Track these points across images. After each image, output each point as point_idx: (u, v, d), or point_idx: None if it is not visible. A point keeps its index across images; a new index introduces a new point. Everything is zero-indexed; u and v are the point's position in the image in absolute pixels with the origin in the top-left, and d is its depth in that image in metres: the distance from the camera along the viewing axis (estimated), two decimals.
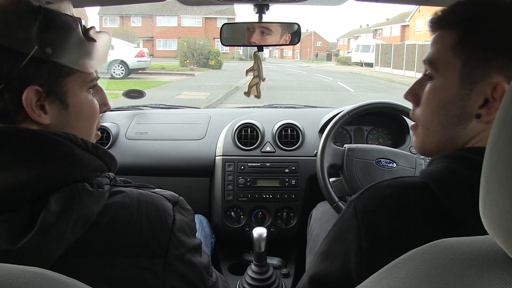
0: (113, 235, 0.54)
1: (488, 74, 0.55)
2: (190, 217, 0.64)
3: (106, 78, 11.85)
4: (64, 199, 0.51)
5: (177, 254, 0.58)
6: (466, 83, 0.57)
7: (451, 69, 0.58)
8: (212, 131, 1.66)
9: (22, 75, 0.52)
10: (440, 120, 0.61)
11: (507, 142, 0.30)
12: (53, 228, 0.48)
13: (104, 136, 1.63)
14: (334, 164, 1.27)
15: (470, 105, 0.57)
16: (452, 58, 0.58)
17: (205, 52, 19.35)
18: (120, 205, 0.56)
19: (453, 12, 0.59)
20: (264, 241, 1.20)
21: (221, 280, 0.75)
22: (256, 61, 1.23)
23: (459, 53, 0.57)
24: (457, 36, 0.57)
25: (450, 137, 0.60)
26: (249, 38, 1.18)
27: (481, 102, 0.56)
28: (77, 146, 0.55)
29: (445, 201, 0.54)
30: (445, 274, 0.33)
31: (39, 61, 0.53)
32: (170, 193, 0.63)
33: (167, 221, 0.58)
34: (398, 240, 0.54)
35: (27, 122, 0.54)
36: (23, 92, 0.52)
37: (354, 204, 0.60)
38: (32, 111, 0.53)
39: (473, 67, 0.56)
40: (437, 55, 0.60)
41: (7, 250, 0.46)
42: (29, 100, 0.53)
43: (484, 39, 0.55)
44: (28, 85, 0.52)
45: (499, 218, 0.31)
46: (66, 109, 0.58)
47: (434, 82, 0.61)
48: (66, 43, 0.55)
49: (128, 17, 29.52)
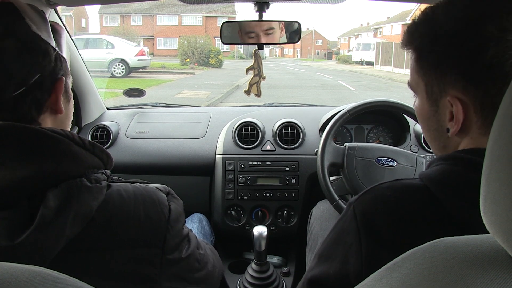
0: (112, 230, 0.55)
1: (444, 90, 0.58)
2: (181, 206, 0.68)
3: (107, 77, 11.86)
4: (62, 195, 0.51)
5: (173, 243, 0.61)
6: (431, 100, 0.61)
7: (420, 89, 0.63)
8: (213, 130, 1.66)
9: (54, 68, 0.59)
10: (427, 134, 0.66)
11: (507, 141, 0.30)
12: (52, 224, 0.49)
13: (105, 134, 1.64)
14: (335, 163, 1.27)
15: (442, 120, 0.60)
16: (417, 79, 0.62)
17: (205, 50, 19.33)
18: (117, 200, 0.57)
19: (408, 35, 0.62)
20: (265, 239, 1.20)
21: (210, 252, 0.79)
22: (257, 59, 1.23)
23: (420, 74, 0.61)
24: (415, 58, 0.61)
25: (442, 147, 0.64)
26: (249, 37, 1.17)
27: (449, 116, 0.58)
28: (75, 144, 0.56)
29: (445, 202, 0.54)
30: (445, 273, 0.33)
31: (60, 56, 0.61)
32: (161, 185, 0.67)
33: (164, 212, 0.61)
34: (397, 242, 0.54)
35: (48, 112, 0.60)
36: (55, 83, 0.59)
37: (353, 206, 0.60)
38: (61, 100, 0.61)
39: (432, 86, 0.59)
40: (410, 77, 0.65)
41: (7, 246, 0.46)
42: (60, 89, 0.60)
43: (430, 60, 0.58)
44: (57, 76, 0.60)
45: (499, 217, 0.31)
46: (69, 102, 0.66)
47: (416, 101, 0.67)
48: (64, 44, 0.64)
49: (128, 15, 29.49)
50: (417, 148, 1.51)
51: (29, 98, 0.56)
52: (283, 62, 32.80)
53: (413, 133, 1.56)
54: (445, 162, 0.57)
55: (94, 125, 1.67)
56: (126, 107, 1.93)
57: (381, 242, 0.55)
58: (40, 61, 0.56)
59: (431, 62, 0.58)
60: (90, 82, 1.68)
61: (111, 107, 1.90)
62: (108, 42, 13.21)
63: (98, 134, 1.64)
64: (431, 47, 0.58)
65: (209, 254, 0.78)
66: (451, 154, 0.58)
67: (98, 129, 1.65)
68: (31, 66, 0.55)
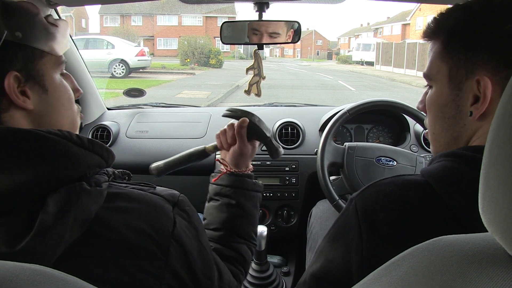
0: (114, 239, 0.53)
1: (471, 72, 0.58)
2: (191, 217, 0.63)
3: (107, 77, 11.86)
4: (61, 200, 0.50)
5: (177, 257, 0.58)
6: (454, 84, 0.61)
7: (441, 75, 0.63)
8: (213, 130, 1.66)
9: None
10: (440, 123, 0.65)
11: (506, 139, 0.30)
12: (52, 230, 0.48)
13: (105, 134, 1.64)
14: (335, 162, 1.27)
15: (462, 104, 0.60)
16: (440, 65, 0.63)
17: (205, 51, 19.33)
18: (121, 209, 0.55)
19: (436, 23, 0.64)
20: (265, 239, 1.20)
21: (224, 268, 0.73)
22: (257, 59, 1.23)
23: (445, 59, 0.62)
24: (442, 43, 0.63)
25: (452, 138, 0.63)
26: (249, 37, 1.17)
27: (471, 99, 0.59)
28: (73, 143, 0.54)
29: (446, 199, 0.54)
30: (444, 271, 0.33)
31: (13, 46, 0.54)
32: (170, 192, 0.63)
33: (168, 225, 0.58)
34: (399, 237, 0.54)
35: (12, 110, 0.55)
36: (3, 79, 0.53)
37: (355, 202, 0.61)
38: (16, 97, 0.54)
39: (458, 68, 0.60)
40: (429, 66, 0.66)
41: (6, 253, 0.45)
42: (11, 86, 0.54)
43: (463, 41, 0.59)
44: (7, 71, 0.53)
45: (498, 215, 0.31)
46: (46, 93, 0.59)
47: (431, 91, 0.67)
48: (33, 27, 0.57)
49: (128, 16, 29.49)
50: (417, 148, 1.51)
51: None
52: (283, 62, 32.80)
53: (413, 133, 1.56)
54: (447, 159, 0.58)
55: (95, 125, 1.67)
56: (126, 107, 1.93)
57: (382, 238, 0.55)
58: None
59: (463, 44, 0.59)
60: (90, 82, 1.68)
61: (111, 107, 1.90)
62: (108, 43, 13.21)
63: (98, 134, 1.64)
64: (466, 27, 0.59)
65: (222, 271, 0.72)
66: (454, 151, 0.59)
67: (98, 129, 1.65)
68: None
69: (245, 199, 0.88)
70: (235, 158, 0.92)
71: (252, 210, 0.88)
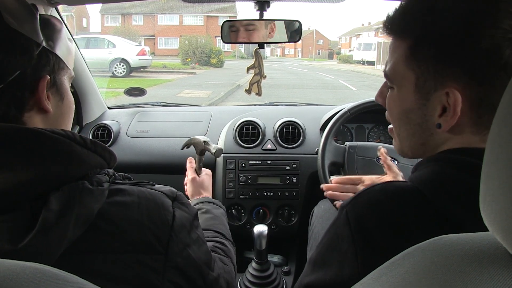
0: (115, 233, 0.54)
1: (441, 84, 0.54)
2: (190, 211, 0.66)
3: (108, 77, 11.87)
4: (64, 198, 0.51)
5: (177, 250, 0.59)
6: (421, 93, 0.57)
7: (406, 82, 0.58)
8: (213, 129, 1.66)
9: (36, 65, 0.56)
10: (405, 127, 0.62)
11: (507, 139, 0.30)
12: (54, 228, 0.49)
13: (106, 134, 1.64)
14: (335, 162, 1.27)
15: (429, 114, 0.57)
16: (405, 72, 0.58)
17: (206, 50, 19.33)
18: (121, 203, 0.56)
19: (403, 20, 0.58)
20: (265, 238, 1.20)
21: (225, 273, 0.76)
22: (257, 58, 1.23)
23: (411, 66, 0.57)
24: (408, 48, 0.57)
25: (419, 143, 0.61)
26: (250, 36, 1.17)
27: (439, 110, 0.55)
28: (76, 144, 0.55)
29: (438, 204, 0.53)
30: (445, 271, 0.33)
31: (47, 53, 0.58)
32: (168, 188, 0.65)
33: (167, 218, 0.59)
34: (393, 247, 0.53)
35: (33, 110, 0.58)
36: (39, 81, 0.57)
37: (346, 211, 0.59)
38: (44, 99, 0.58)
39: (426, 79, 0.56)
40: (392, 68, 0.60)
41: (9, 250, 0.46)
42: (43, 88, 0.57)
43: (433, 50, 0.54)
44: (43, 75, 0.57)
45: (499, 215, 0.31)
46: (62, 101, 0.63)
47: (392, 92, 0.62)
48: (60, 40, 0.61)
49: (129, 15, 29.49)
50: None
51: (8, 96, 0.54)
52: (284, 61, 32.77)
53: None
54: (435, 164, 0.56)
55: (95, 124, 1.67)
56: (127, 106, 1.93)
57: (376, 249, 0.54)
58: (18, 59, 0.54)
59: (432, 54, 0.54)
60: (91, 82, 1.68)
61: (112, 106, 1.90)
62: (109, 42, 13.22)
63: (99, 133, 1.65)
64: (435, 37, 0.54)
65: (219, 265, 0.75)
66: (441, 155, 0.57)
67: (99, 128, 1.65)
68: (8, 64, 0.53)
69: (212, 208, 1.03)
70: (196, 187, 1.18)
71: (220, 217, 1.02)
